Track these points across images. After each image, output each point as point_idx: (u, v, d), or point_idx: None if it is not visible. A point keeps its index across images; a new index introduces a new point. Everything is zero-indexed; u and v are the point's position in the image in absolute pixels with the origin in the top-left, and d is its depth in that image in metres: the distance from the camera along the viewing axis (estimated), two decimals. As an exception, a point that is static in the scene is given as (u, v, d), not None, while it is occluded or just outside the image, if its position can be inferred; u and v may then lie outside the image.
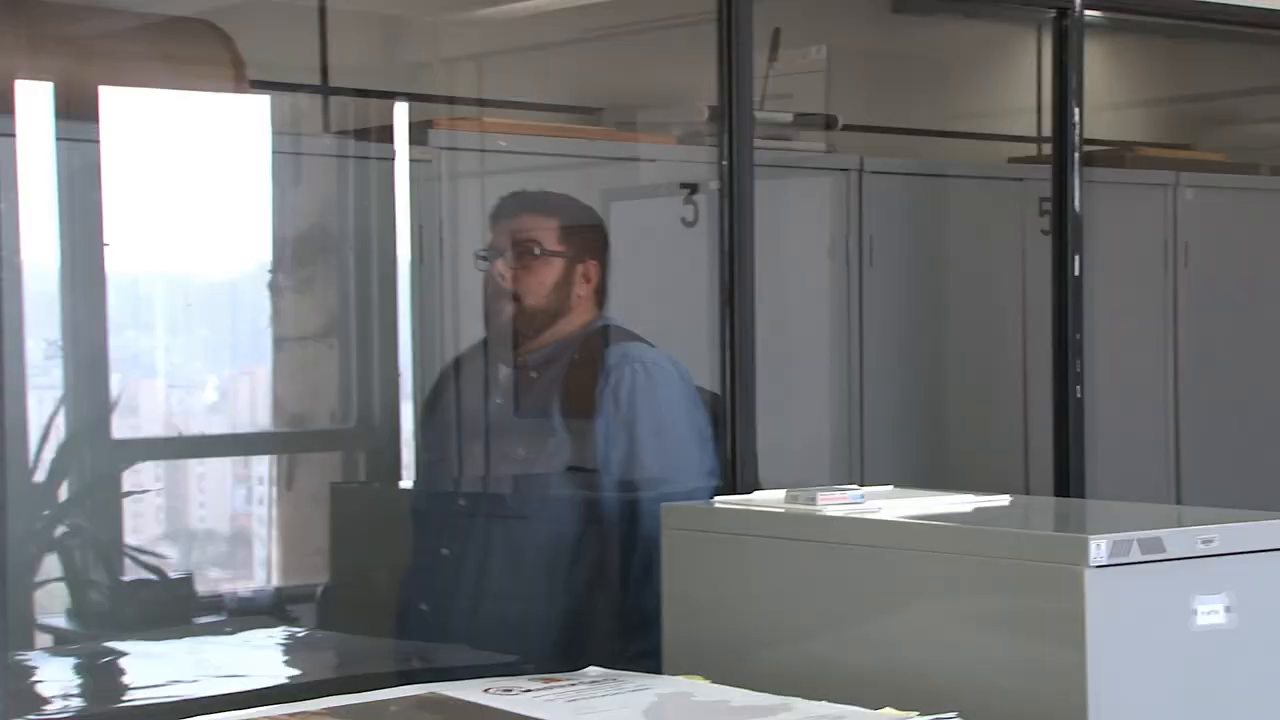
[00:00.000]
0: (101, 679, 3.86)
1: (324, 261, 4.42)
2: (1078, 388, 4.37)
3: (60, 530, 3.94)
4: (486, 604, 4.05)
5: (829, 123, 4.78)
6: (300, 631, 4.29)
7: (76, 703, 3.61)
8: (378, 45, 4.98)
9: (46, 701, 3.39)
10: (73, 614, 3.95)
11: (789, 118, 4.53)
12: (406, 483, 4.35)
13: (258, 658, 4.19)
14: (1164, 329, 4.96)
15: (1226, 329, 5.12)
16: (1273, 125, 5.58)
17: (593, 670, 3.43)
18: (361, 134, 4.51)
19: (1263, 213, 5.35)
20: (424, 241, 4.25)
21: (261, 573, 4.48)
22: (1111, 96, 4.89)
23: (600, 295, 4.13)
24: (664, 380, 4.12)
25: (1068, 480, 4.38)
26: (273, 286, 4.37)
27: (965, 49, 5.27)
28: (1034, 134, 4.81)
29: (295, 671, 4.18)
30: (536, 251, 3.98)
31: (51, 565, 3.89)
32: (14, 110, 2.83)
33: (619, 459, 4.17)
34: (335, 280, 4.41)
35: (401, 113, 4.41)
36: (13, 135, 3.29)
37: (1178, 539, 3.03)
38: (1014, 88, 5.03)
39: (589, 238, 4.18)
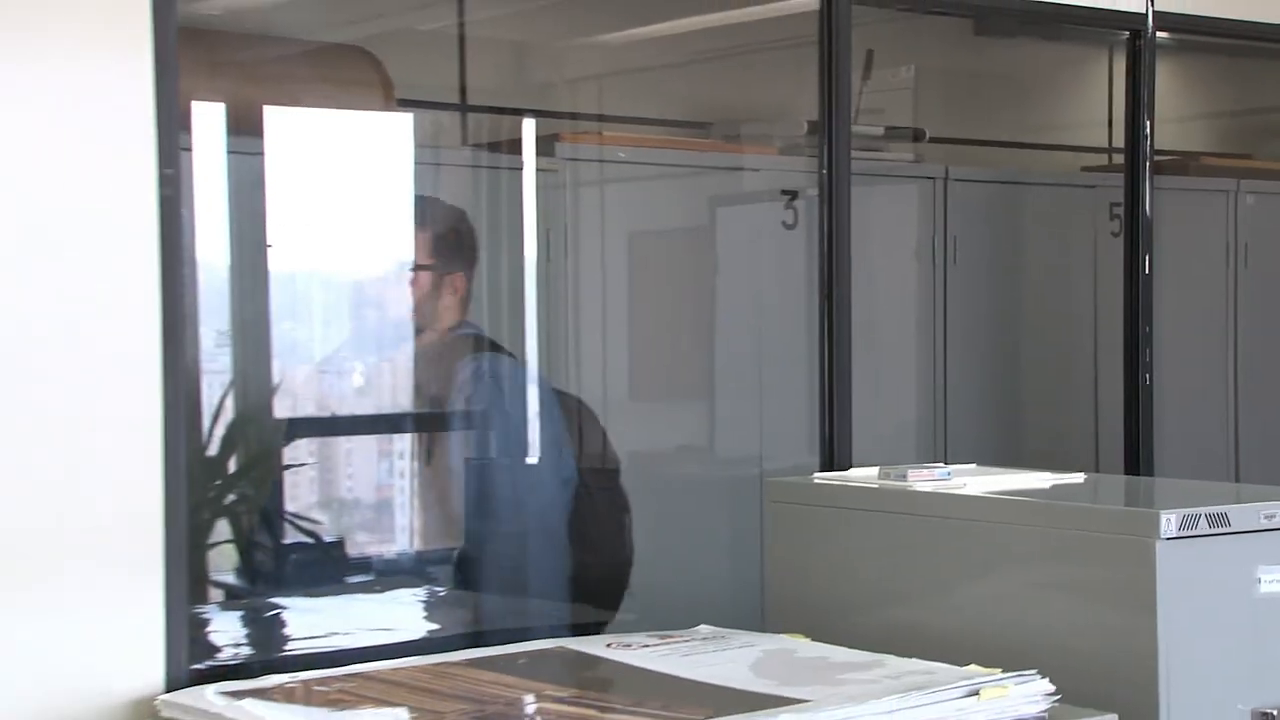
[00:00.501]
0: (266, 631, 3.89)
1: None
2: (1147, 376, 4.33)
3: (229, 498, 3.96)
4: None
5: (917, 135, 4.75)
6: (440, 590, 4.30)
7: (245, 651, 3.62)
8: (509, 67, 4.98)
9: (220, 650, 3.41)
10: (240, 572, 3.97)
11: (880, 131, 4.50)
12: (533, 459, 4.33)
13: (402, 613, 4.21)
14: (1225, 324, 4.91)
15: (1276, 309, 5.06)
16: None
17: (704, 628, 3.43)
18: (494, 147, 4.51)
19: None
20: (550, 243, 4.24)
21: (403, 537, 4.49)
22: (1177, 110, 4.84)
23: (465, 304, 4.17)
24: (513, 391, 4.21)
25: (1138, 460, 4.34)
26: (414, 284, 4.36)
27: (1041, 68, 5.22)
28: (1104, 145, 4.75)
29: (435, 626, 4.19)
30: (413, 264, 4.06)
31: (222, 529, 3.91)
32: (190, 128, 2.85)
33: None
34: (479, 274, 4.40)
35: (530, 128, 4.41)
36: (189, 150, 3.30)
37: (1242, 514, 3.01)
38: (1085, 103, 4.98)
39: (457, 250, 4.21)
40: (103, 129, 2.86)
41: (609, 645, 3.27)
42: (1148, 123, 4.33)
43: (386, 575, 4.34)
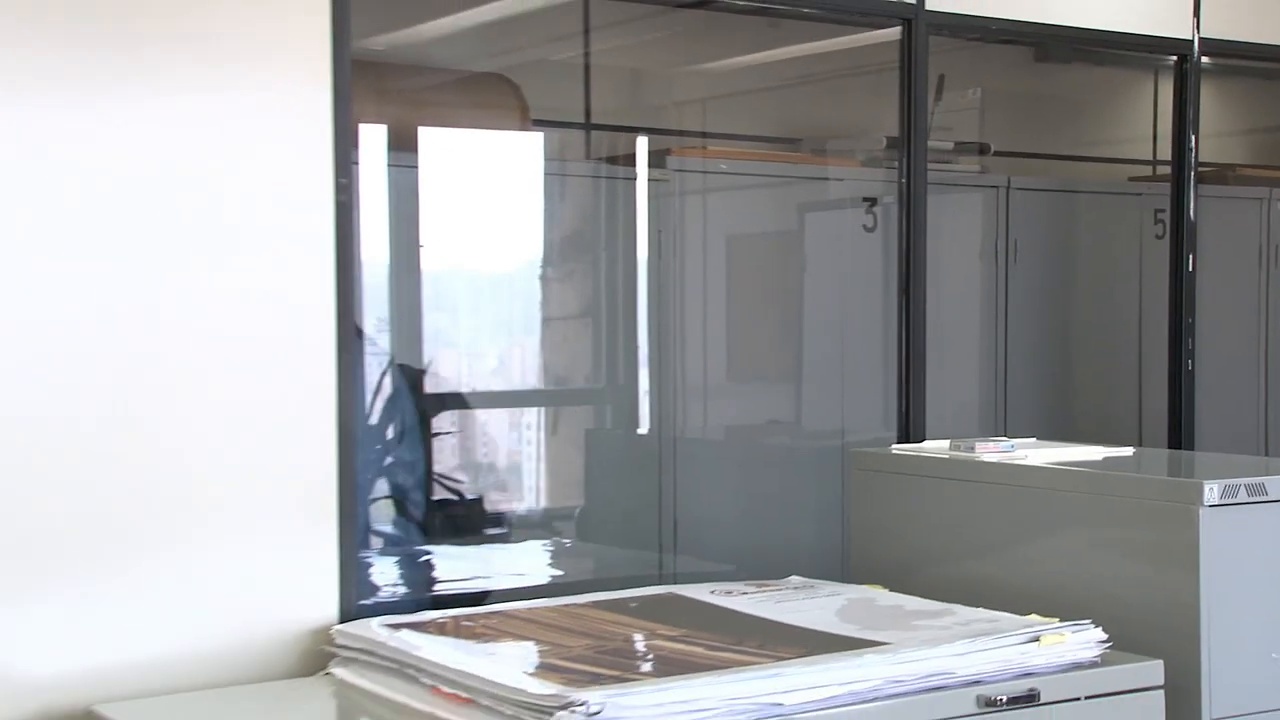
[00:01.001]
0: (418, 573, 3.92)
1: (582, 259, 4.42)
2: (1189, 362, 4.30)
3: (387, 462, 3.99)
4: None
5: (982, 149, 4.73)
6: (565, 541, 4.32)
7: (401, 590, 3.65)
8: (627, 91, 4.99)
9: (379, 589, 3.44)
10: (397, 524, 4.01)
11: (951, 145, 4.47)
12: (644, 429, 4.34)
13: (532, 561, 4.23)
14: (1257, 317, 4.86)
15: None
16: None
17: (794, 579, 3.45)
18: (613, 160, 4.51)
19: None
20: (660, 243, 4.24)
21: (532, 496, 4.51)
22: (1215, 126, 4.79)
23: None
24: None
25: (1180, 436, 4.32)
26: (542, 278, 4.39)
27: (1092, 90, 5.18)
28: (1148, 158, 4.70)
29: (559, 572, 4.21)
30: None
31: (381, 487, 3.96)
32: (358, 146, 2.89)
33: None
34: (590, 274, 4.42)
35: (643, 144, 4.40)
36: (357, 164, 3.33)
37: (1277, 484, 2.98)
38: (1131, 120, 4.94)
39: None
40: (289, 146, 2.94)
41: (712, 592, 3.28)
42: (1193, 137, 4.31)
43: (519, 528, 4.35)
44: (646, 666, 2.63)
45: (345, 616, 2.96)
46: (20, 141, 2.68)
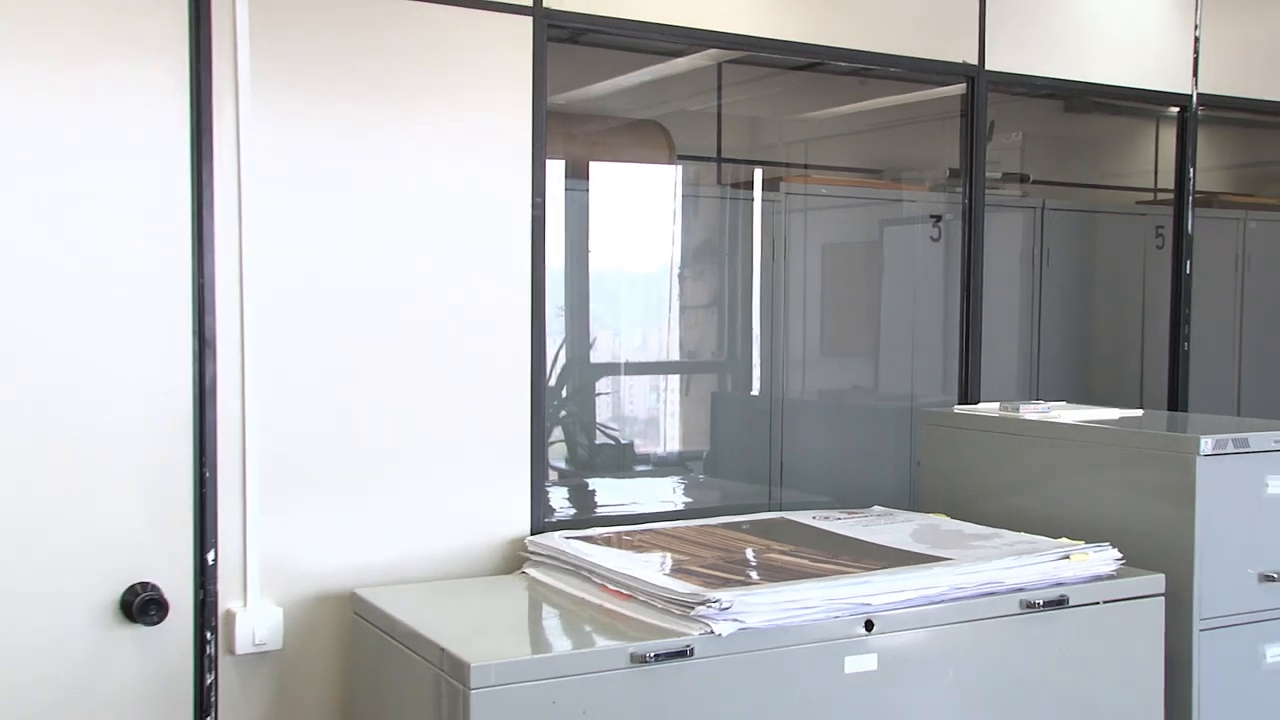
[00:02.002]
0: (584, 498, 3.96)
1: (711, 261, 4.43)
2: (1185, 344, 4.25)
3: (562, 414, 4.04)
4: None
5: (1023, 179, 4.68)
6: (698, 477, 4.33)
7: (571, 512, 3.69)
8: (748, 133, 4.98)
9: (555, 511, 3.48)
10: (569, 461, 4.05)
11: (999, 175, 4.44)
12: (756, 392, 4.35)
13: (671, 491, 4.25)
14: (1233, 311, 4.80)
15: (1270, 308, 4.93)
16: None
17: (876, 508, 3.48)
18: (736, 185, 4.52)
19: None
20: (772, 250, 4.24)
21: (671, 443, 4.52)
22: (1204, 162, 4.73)
23: None
24: None
25: (1177, 402, 4.28)
26: (680, 276, 4.39)
27: (1109, 133, 5.12)
28: (1150, 186, 4.65)
29: (691, 500, 4.23)
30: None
31: (558, 433, 4.00)
32: (545, 175, 2.94)
33: None
34: (717, 272, 4.42)
35: (759, 173, 4.40)
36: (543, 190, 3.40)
37: (1259, 438, 3.02)
38: (1137, 157, 4.88)
39: None
40: (502, 172, 3.01)
41: (813, 517, 3.29)
42: (1191, 170, 4.25)
43: (660, 466, 4.37)
44: (764, 573, 2.63)
45: (535, 530, 3.03)
46: (317, 165, 2.77)
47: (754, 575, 2.61)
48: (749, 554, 2.84)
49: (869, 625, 2.48)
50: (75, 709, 2.53)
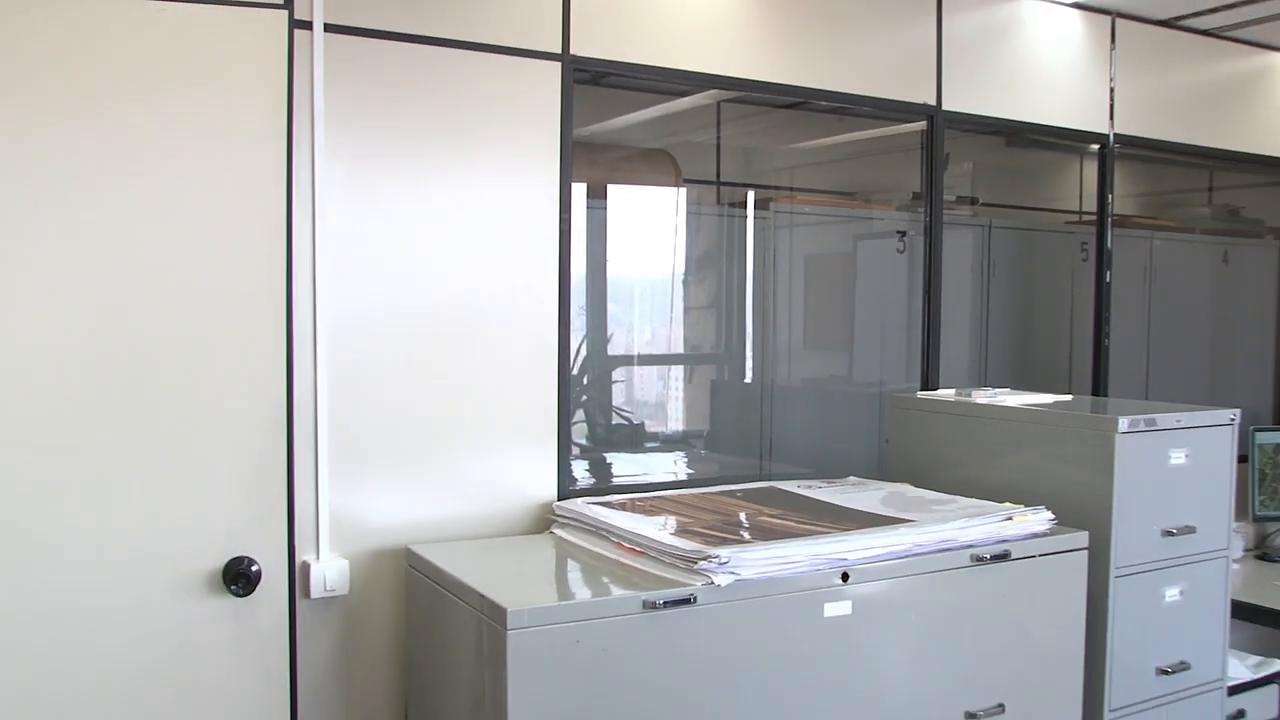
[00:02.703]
0: (603, 470, 3.94)
1: (711, 269, 4.40)
2: (1106, 340, 4.25)
3: (584, 398, 4.01)
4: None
5: (973, 201, 4.63)
6: (700, 452, 4.30)
7: (589, 481, 3.67)
8: (743, 161, 4.96)
9: (578, 481, 3.46)
10: (589, 439, 4.03)
11: (953, 198, 4.39)
12: (749, 379, 4.32)
13: (676, 465, 4.21)
14: (1142, 312, 4.78)
15: (1172, 311, 4.93)
16: (1199, 208, 5.36)
17: (852, 478, 3.45)
18: (733, 205, 4.48)
19: (1192, 252, 5.17)
20: (764, 260, 4.21)
21: (676, 423, 4.49)
22: (1121, 190, 4.74)
23: None
24: None
25: (1099, 388, 4.28)
26: (684, 281, 4.37)
27: (1043, 165, 5.09)
28: (1076, 209, 4.63)
29: (693, 472, 4.20)
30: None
31: (580, 415, 3.98)
32: (571, 196, 2.93)
33: None
34: (716, 278, 4.39)
35: (752, 195, 4.37)
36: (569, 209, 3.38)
37: (1164, 418, 3.04)
38: (1067, 185, 4.86)
39: None
40: (533, 195, 3.00)
41: (798, 486, 3.27)
42: (1110, 196, 4.26)
43: (667, 443, 4.34)
44: (756, 533, 2.62)
45: (561, 496, 3.02)
46: (384, 190, 2.77)
47: (747, 535, 2.60)
48: (743, 517, 2.83)
49: (845, 577, 2.48)
50: (182, 669, 2.52)
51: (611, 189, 4.03)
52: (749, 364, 4.32)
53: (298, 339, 2.62)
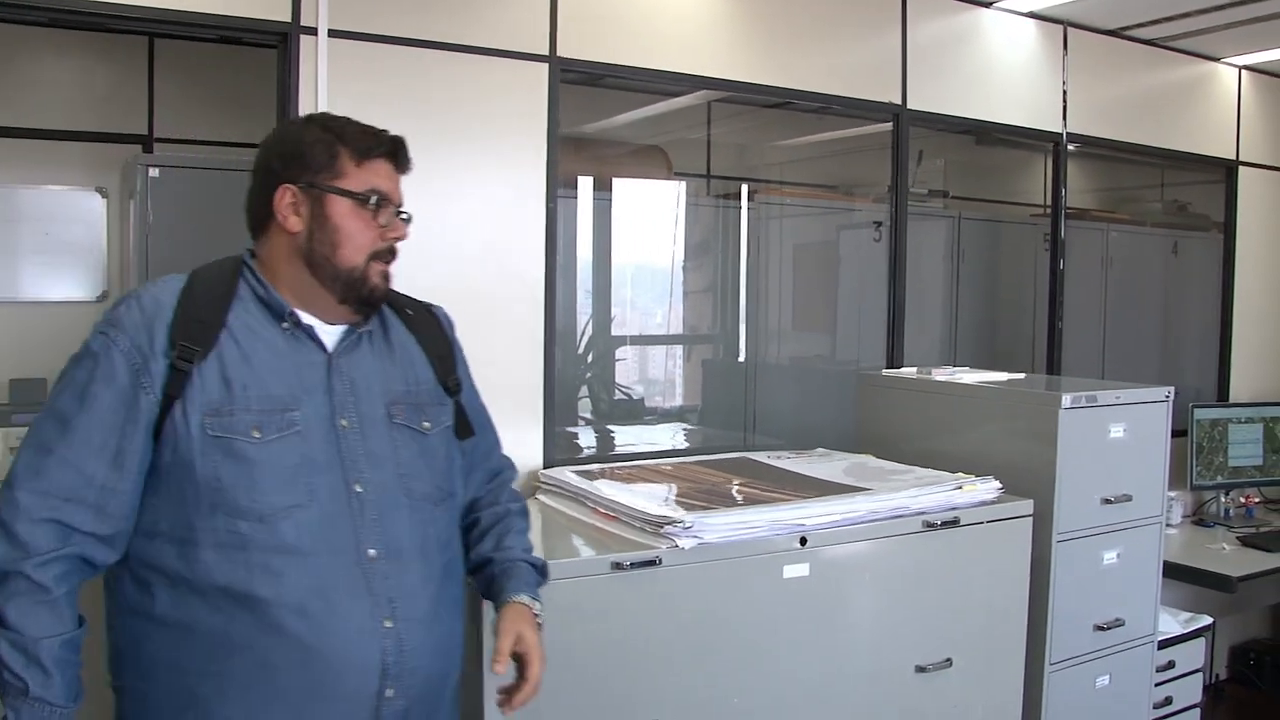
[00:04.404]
0: (603, 440, 3.90)
1: (707, 255, 4.35)
2: (1060, 323, 4.21)
3: (588, 374, 3.98)
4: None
5: (945, 195, 4.58)
6: (690, 426, 4.26)
7: (589, 451, 3.63)
8: (734, 156, 4.93)
9: (583, 449, 3.45)
10: (592, 411, 4.00)
11: (925, 192, 4.34)
12: (741, 358, 4.27)
13: (671, 436, 4.16)
14: (1099, 297, 4.74)
15: (1127, 298, 4.88)
16: (1152, 204, 5.30)
17: (819, 449, 3.40)
18: (725, 197, 4.45)
19: (1145, 244, 5.11)
20: (756, 246, 4.16)
21: (673, 398, 4.45)
22: (1080, 185, 4.71)
23: None
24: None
25: (1053, 367, 4.24)
26: (684, 268, 4.32)
27: (1009, 162, 5.03)
28: (1040, 202, 4.55)
29: (686, 444, 4.16)
30: None
31: (584, 390, 3.95)
32: (577, 188, 2.89)
33: None
34: (713, 264, 4.34)
35: (745, 188, 4.31)
36: (575, 198, 3.33)
37: (1105, 395, 3.02)
38: (1032, 180, 4.79)
39: None
40: (521, 189, 2.95)
41: (768, 456, 3.23)
42: (1063, 190, 4.20)
43: (665, 416, 4.30)
44: (721, 500, 2.59)
45: (546, 464, 2.99)
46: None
47: (713, 501, 2.56)
48: (712, 485, 2.79)
49: (803, 541, 2.45)
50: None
51: (616, 182, 3.99)
52: (742, 344, 4.28)
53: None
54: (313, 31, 2.56)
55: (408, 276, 2.66)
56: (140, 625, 1.56)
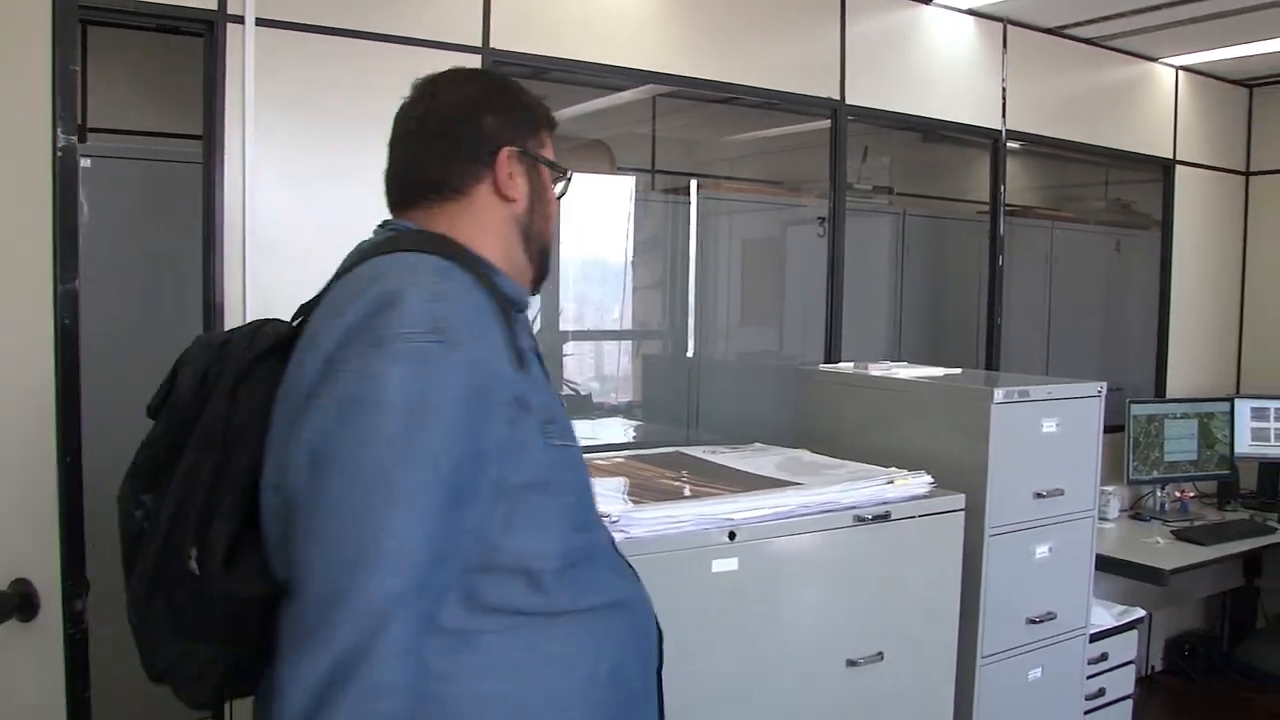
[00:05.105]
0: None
1: (656, 251, 4.33)
2: (999, 318, 4.23)
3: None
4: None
5: (890, 191, 4.58)
6: (635, 422, 4.24)
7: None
8: (680, 151, 4.91)
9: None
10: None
11: (871, 189, 4.34)
12: (690, 354, 4.25)
13: (616, 431, 4.14)
14: (1043, 293, 4.77)
15: (1070, 294, 4.90)
16: (1096, 202, 5.37)
17: (756, 444, 3.38)
18: (673, 192, 4.42)
19: (1088, 241, 5.17)
20: (703, 241, 4.15)
21: (621, 394, 4.42)
22: (1024, 183, 4.74)
23: None
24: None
25: (991, 363, 4.25)
26: (632, 264, 4.30)
27: (956, 159, 5.04)
28: (985, 199, 4.55)
29: (631, 439, 4.14)
30: None
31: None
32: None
33: None
34: (661, 260, 4.32)
35: (695, 183, 4.28)
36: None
37: (1037, 390, 3.01)
38: (976, 177, 4.79)
39: None
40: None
41: (703, 451, 3.21)
42: (1002, 188, 4.23)
43: (612, 411, 4.27)
44: (652, 494, 2.56)
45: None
46: (310, 172, 2.66)
47: (643, 496, 2.54)
48: (644, 479, 2.77)
49: (732, 535, 2.42)
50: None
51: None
52: (690, 339, 4.26)
53: (229, 317, 2.53)
54: (240, 20, 2.51)
55: (330, 270, 2.65)
56: None
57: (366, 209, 2.66)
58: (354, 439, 1.16)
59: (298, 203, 2.62)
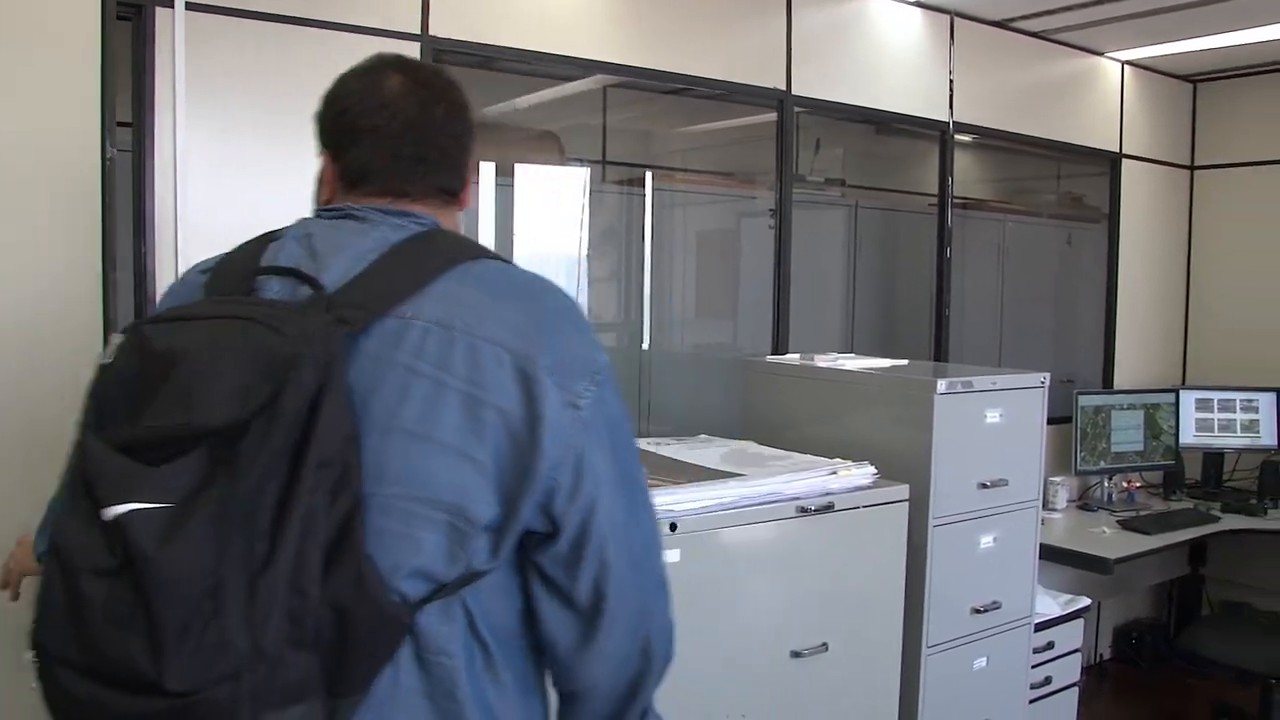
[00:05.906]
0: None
1: (612, 242, 4.28)
2: (946, 310, 4.22)
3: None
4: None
5: (843, 183, 4.56)
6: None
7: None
8: (634, 142, 4.86)
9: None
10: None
11: (823, 180, 4.32)
12: (645, 346, 4.21)
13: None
14: (997, 286, 4.79)
15: (1022, 287, 4.91)
16: (1047, 195, 5.36)
17: (702, 435, 3.35)
18: (625, 183, 4.37)
19: (1040, 234, 5.17)
20: (657, 231, 4.10)
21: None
22: (975, 176, 4.74)
23: None
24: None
25: (939, 354, 4.24)
26: (589, 256, 4.24)
27: (909, 152, 5.02)
28: (936, 192, 4.55)
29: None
30: None
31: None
32: (479, 173, 2.79)
33: None
34: (618, 251, 4.27)
35: (650, 175, 4.23)
36: (479, 184, 3.23)
37: (980, 381, 3.01)
38: (928, 169, 4.78)
39: None
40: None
41: (649, 443, 3.18)
42: (950, 180, 4.24)
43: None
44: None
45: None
46: (239, 157, 2.58)
47: (585, 487, 2.50)
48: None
49: (673, 527, 2.39)
50: None
51: (517, 169, 3.87)
52: (645, 330, 4.21)
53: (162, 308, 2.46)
54: (169, 4, 2.44)
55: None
56: None
57: (301, 198, 2.63)
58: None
59: (231, 191, 2.56)
